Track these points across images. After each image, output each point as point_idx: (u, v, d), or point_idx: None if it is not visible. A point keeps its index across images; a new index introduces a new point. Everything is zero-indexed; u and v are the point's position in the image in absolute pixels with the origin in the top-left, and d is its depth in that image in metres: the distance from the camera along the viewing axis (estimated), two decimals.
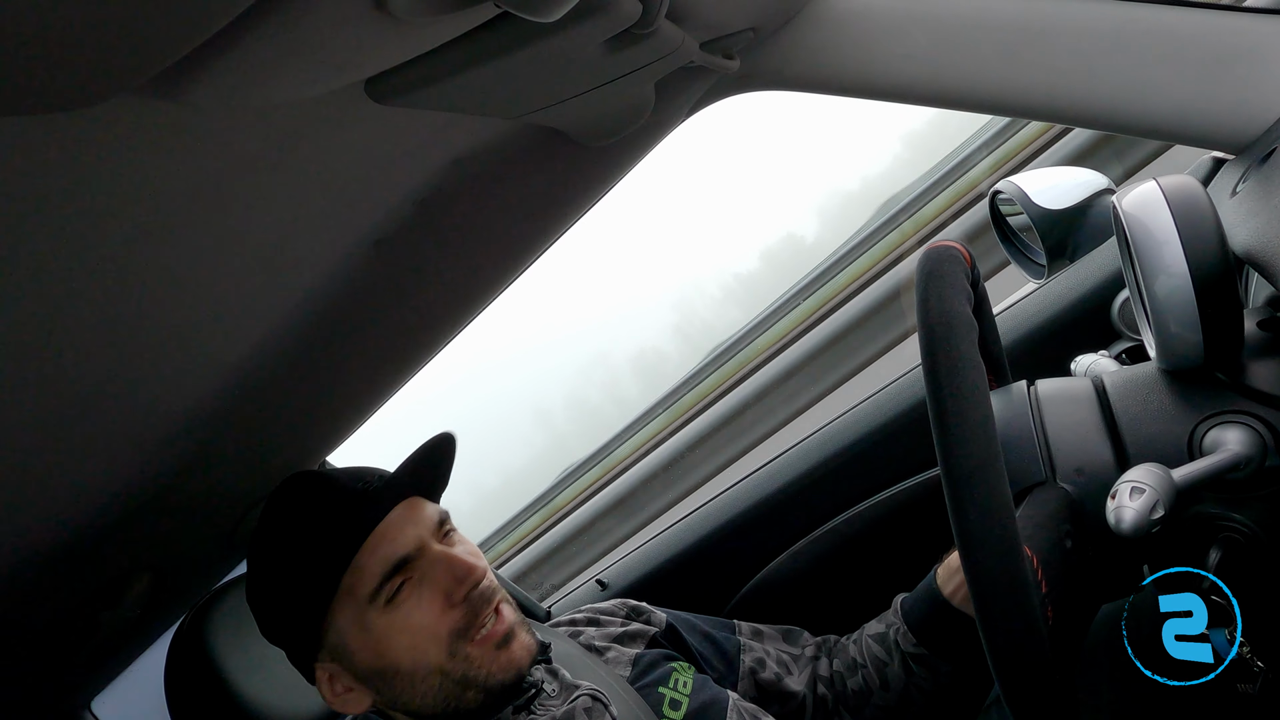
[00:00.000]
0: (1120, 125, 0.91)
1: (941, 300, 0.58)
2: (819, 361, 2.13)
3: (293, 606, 0.85)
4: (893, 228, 2.13)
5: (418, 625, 0.82)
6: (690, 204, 2.23)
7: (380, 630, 0.82)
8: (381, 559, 0.83)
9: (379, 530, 0.84)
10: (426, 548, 0.85)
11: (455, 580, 0.83)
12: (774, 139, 2.16)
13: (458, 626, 0.83)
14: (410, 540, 0.84)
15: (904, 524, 1.23)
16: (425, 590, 0.83)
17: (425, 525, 0.87)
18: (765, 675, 1.02)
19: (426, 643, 0.82)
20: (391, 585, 0.82)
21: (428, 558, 0.85)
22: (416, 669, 0.82)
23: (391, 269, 0.87)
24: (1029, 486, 0.63)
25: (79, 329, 0.60)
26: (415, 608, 0.83)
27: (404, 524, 0.85)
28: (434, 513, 0.89)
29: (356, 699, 0.86)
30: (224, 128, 0.52)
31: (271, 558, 0.87)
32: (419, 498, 0.89)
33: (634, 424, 2.37)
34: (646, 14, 0.61)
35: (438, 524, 0.88)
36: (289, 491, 0.88)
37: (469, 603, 0.83)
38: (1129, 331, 0.96)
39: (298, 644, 0.87)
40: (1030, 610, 0.49)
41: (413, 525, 0.86)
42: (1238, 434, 0.58)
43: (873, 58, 0.95)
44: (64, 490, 0.78)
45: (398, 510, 0.86)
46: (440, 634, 0.82)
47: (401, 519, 0.85)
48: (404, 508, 0.86)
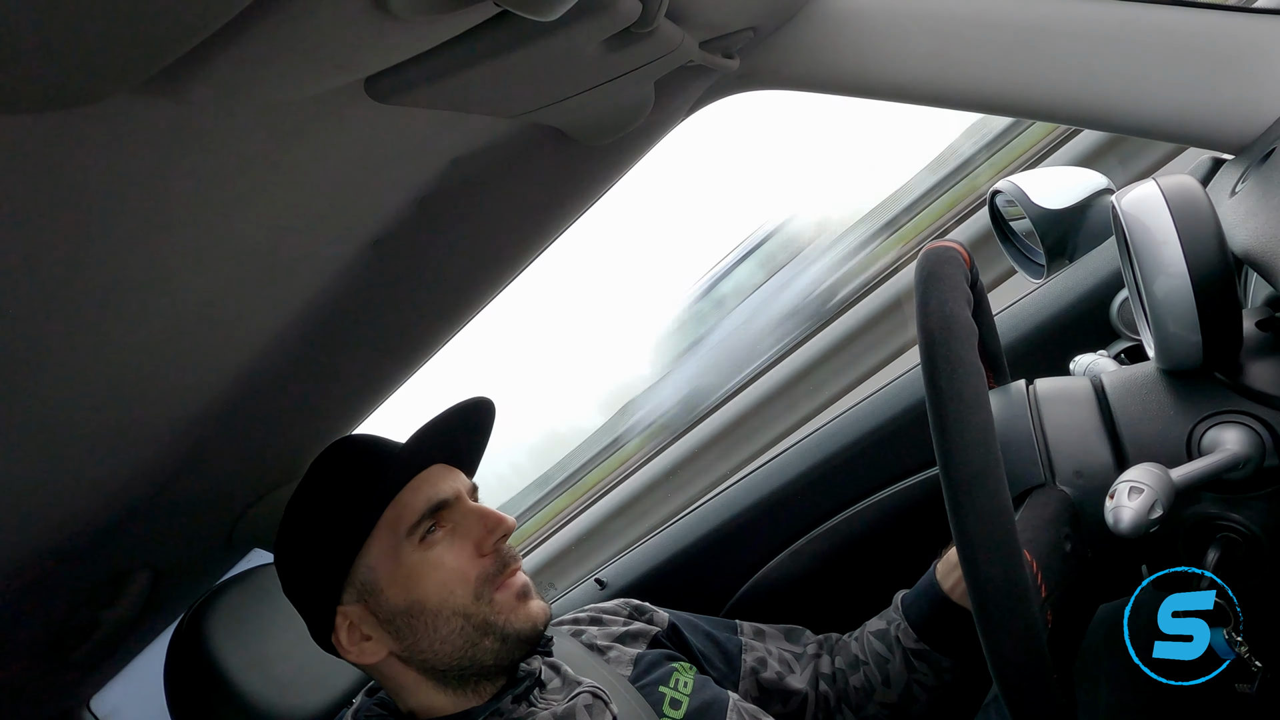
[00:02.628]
0: (1119, 125, 0.91)
1: (941, 304, 0.58)
2: (821, 370, 2.13)
3: (331, 539, 0.88)
4: (894, 230, 2.13)
5: (449, 565, 0.87)
6: (690, 206, 2.23)
7: (412, 565, 0.86)
8: (424, 498, 0.88)
9: (422, 475, 0.89)
10: (462, 499, 0.91)
11: (486, 530, 0.88)
12: (773, 140, 2.16)
13: (486, 573, 0.87)
14: (449, 489, 0.90)
15: (904, 522, 1.23)
16: (458, 537, 0.88)
17: (462, 483, 0.92)
18: (767, 674, 1.02)
19: (455, 583, 0.86)
20: (426, 524, 0.87)
21: (462, 508, 0.90)
22: (442, 608, 0.85)
23: (390, 268, 0.87)
24: (1028, 489, 0.63)
25: (77, 327, 0.60)
26: (447, 550, 0.87)
27: (445, 475, 0.91)
28: (466, 480, 0.94)
29: (373, 648, 0.87)
30: (223, 126, 0.52)
31: (316, 497, 0.91)
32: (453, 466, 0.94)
33: (634, 426, 2.37)
34: (646, 13, 0.61)
35: (471, 487, 0.94)
36: (339, 445, 0.94)
37: (498, 554, 0.88)
38: (1128, 331, 0.96)
39: (324, 584, 0.88)
40: (1030, 616, 0.50)
41: (451, 479, 0.91)
42: (1236, 434, 0.58)
43: (872, 57, 0.95)
44: (63, 489, 0.78)
45: (436, 467, 0.91)
46: (469, 576, 0.87)
47: (442, 471, 0.91)
48: (441, 467, 0.92)
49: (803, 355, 2.17)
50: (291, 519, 0.91)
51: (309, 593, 0.90)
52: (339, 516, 0.88)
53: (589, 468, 2.41)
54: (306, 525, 0.90)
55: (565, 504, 2.37)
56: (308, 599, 0.90)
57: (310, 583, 0.89)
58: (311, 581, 0.89)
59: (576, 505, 2.34)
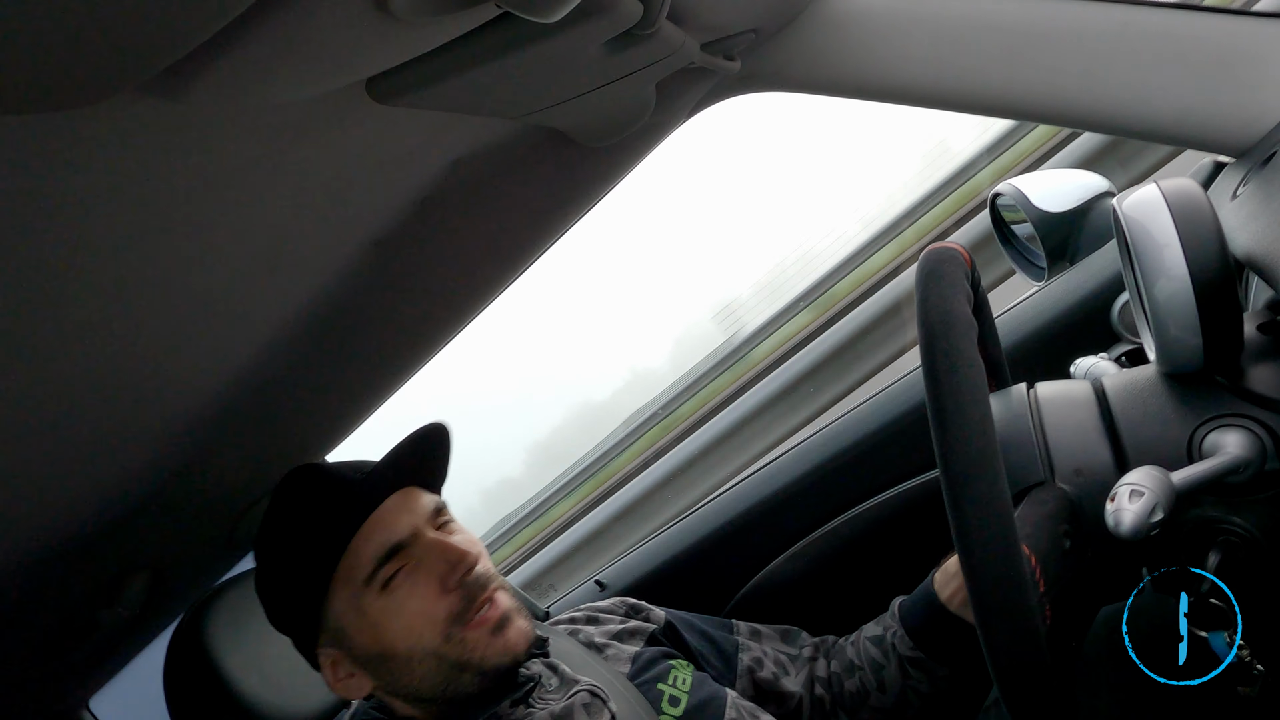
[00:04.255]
0: (1121, 128, 0.91)
1: (941, 300, 0.58)
2: (821, 373, 2.13)
3: (294, 592, 0.87)
4: (894, 235, 2.13)
5: (413, 610, 0.83)
6: (693, 209, 2.23)
7: (376, 614, 0.84)
8: (376, 544, 0.84)
9: (374, 517, 0.86)
10: (420, 534, 0.87)
11: (449, 566, 0.84)
12: (776, 144, 2.15)
13: (453, 611, 0.84)
14: (404, 527, 0.86)
15: (902, 526, 1.22)
16: (420, 576, 0.85)
17: (420, 513, 0.88)
18: (763, 675, 1.02)
19: (422, 626, 0.83)
20: (386, 570, 0.84)
21: (422, 544, 0.86)
22: (413, 652, 0.84)
23: (391, 269, 0.87)
24: (1028, 487, 0.63)
25: (77, 327, 0.60)
26: (410, 593, 0.84)
27: (399, 511, 0.87)
28: (430, 502, 0.90)
29: (358, 684, 0.88)
30: (224, 127, 0.52)
31: (273, 546, 0.89)
32: (416, 488, 0.91)
33: (635, 429, 2.37)
34: (648, 15, 0.61)
35: (433, 512, 0.90)
36: (290, 482, 0.91)
37: (464, 588, 0.84)
38: (1129, 334, 0.96)
39: (301, 630, 0.89)
40: (1027, 607, 0.49)
41: (407, 513, 0.87)
42: (1237, 437, 0.58)
43: (874, 59, 0.95)
44: (62, 489, 0.78)
45: (394, 498, 0.88)
46: (436, 618, 0.84)
47: (397, 506, 0.87)
48: (400, 496, 0.88)
49: (803, 359, 2.17)
50: (259, 564, 0.91)
51: (291, 635, 0.90)
52: (294, 571, 0.87)
53: (589, 473, 2.41)
54: (271, 574, 0.90)
55: (567, 508, 2.37)
56: (293, 639, 0.91)
57: (290, 628, 0.90)
58: (288, 626, 0.90)
59: (577, 509, 2.34)
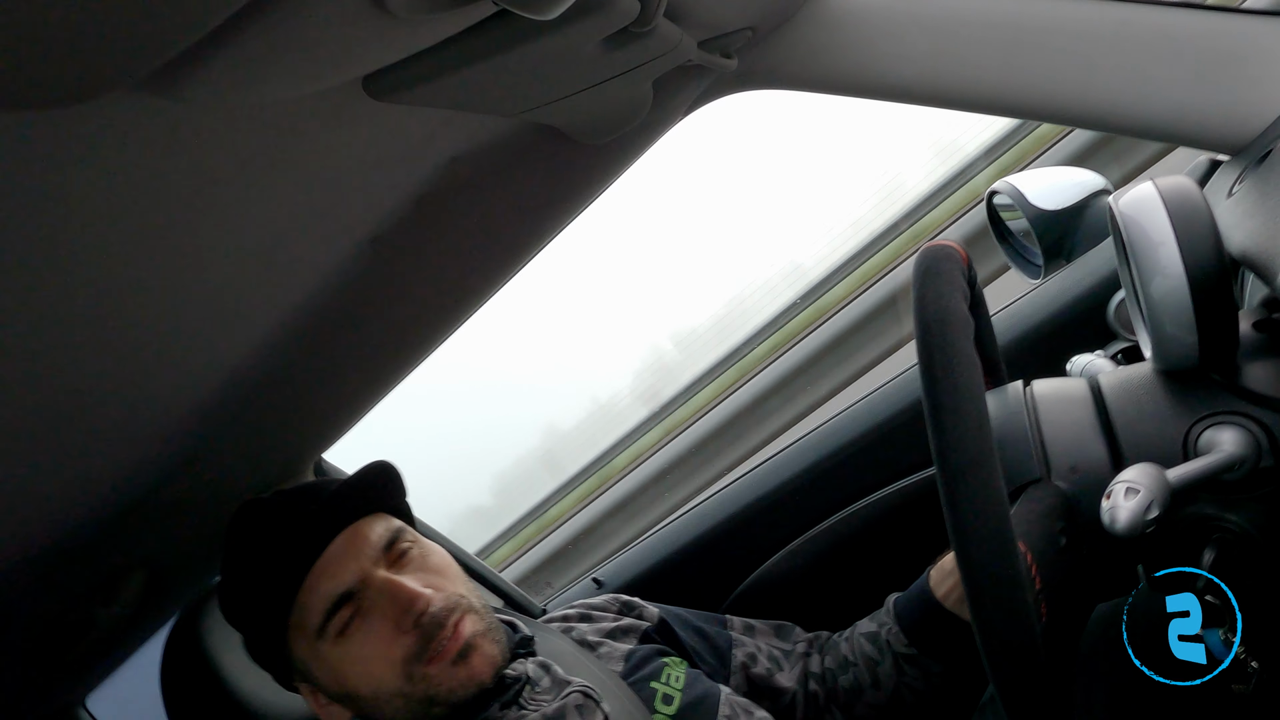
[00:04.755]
0: (1117, 126, 0.91)
1: (938, 296, 0.58)
2: (816, 368, 2.13)
3: (256, 641, 0.90)
4: (893, 236, 2.13)
5: (370, 655, 0.82)
6: (695, 210, 2.22)
7: (334, 661, 0.83)
8: (322, 596, 0.83)
9: (318, 566, 0.83)
10: (369, 579, 0.84)
11: (401, 610, 0.82)
12: (777, 145, 2.15)
13: (410, 652, 0.82)
14: (350, 574, 0.84)
15: (899, 524, 1.23)
16: (374, 620, 0.83)
17: (369, 553, 0.85)
18: (757, 670, 1.02)
19: (381, 670, 0.82)
20: (340, 618, 0.83)
21: (372, 588, 0.84)
22: (378, 694, 0.83)
23: (388, 266, 0.87)
24: (1023, 484, 0.63)
25: (72, 326, 0.60)
26: (365, 639, 0.82)
27: (343, 557, 0.84)
28: (381, 536, 0.87)
29: (339, 711, 0.89)
30: (220, 124, 0.52)
31: (229, 594, 0.90)
32: (365, 519, 0.88)
33: (637, 430, 2.37)
34: (644, 12, 0.61)
35: (384, 548, 0.87)
36: (236, 527, 0.90)
37: (420, 628, 0.82)
38: (1125, 332, 0.96)
39: (273, 668, 0.91)
40: (1023, 603, 0.50)
41: (353, 557, 0.84)
42: (1232, 435, 0.58)
43: (871, 57, 0.95)
44: (59, 488, 0.78)
45: (339, 541, 0.85)
46: (394, 659, 0.82)
47: (341, 552, 0.84)
48: (346, 536, 0.85)
49: (797, 354, 2.17)
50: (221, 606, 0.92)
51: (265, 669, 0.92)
52: (253, 619, 0.88)
53: (589, 473, 2.41)
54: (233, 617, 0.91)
55: (567, 506, 2.37)
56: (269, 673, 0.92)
57: (262, 664, 0.92)
58: (262, 663, 0.92)
59: (577, 506, 2.34)
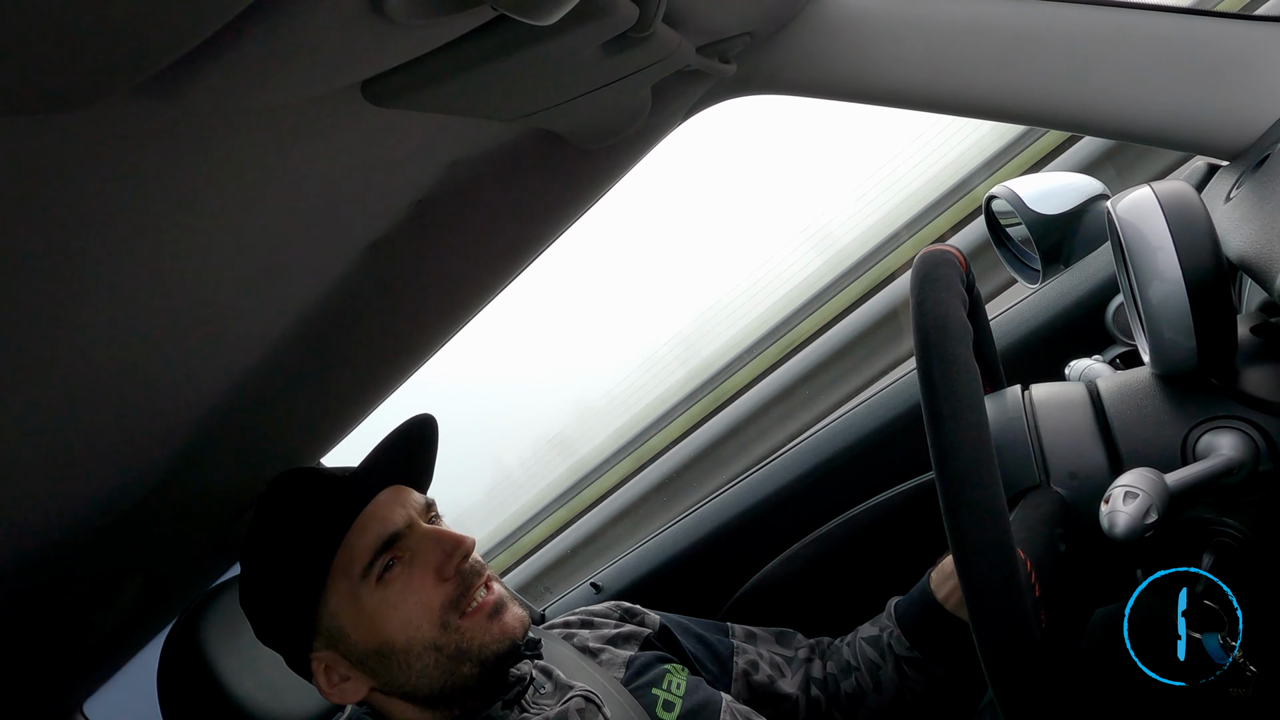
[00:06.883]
0: (1114, 131, 0.92)
1: (937, 303, 0.58)
2: (817, 380, 2.12)
3: (287, 595, 0.87)
4: (894, 246, 2.12)
5: (410, 600, 0.84)
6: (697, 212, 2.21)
7: (373, 607, 0.84)
8: (372, 536, 0.85)
9: (368, 511, 0.86)
10: (415, 525, 0.88)
11: (445, 554, 0.85)
12: (777, 146, 2.15)
13: (450, 599, 0.84)
14: (399, 518, 0.87)
15: (898, 528, 1.23)
16: (416, 567, 0.85)
17: (413, 506, 0.89)
18: (758, 677, 1.02)
19: (420, 617, 0.84)
20: (382, 562, 0.85)
21: (416, 534, 0.87)
22: (411, 645, 0.83)
23: (386, 272, 0.87)
24: (1023, 490, 0.63)
25: (68, 330, 0.60)
26: (407, 584, 0.84)
27: (393, 504, 0.88)
28: (420, 498, 0.91)
29: (353, 687, 0.87)
30: (219, 129, 0.52)
31: (265, 549, 0.89)
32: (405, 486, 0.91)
33: (640, 434, 2.36)
34: (643, 18, 0.61)
35: (425, 507, 0.91)
36: (279, 486, 0.91)
37: (460, 576, 0.85)
38: (1123, 336, 0.97)
39: (293, 635, 0.88)
40: (1023, 612, 0.50)
41: (401, 505, 0.88)
42: (1231, 439, 0.58)
43: (869, 62, 0.95)
44: (57, 492, 0.78)
45: (386, 493, 0.89)
46: (433, 607, 0.84)
47: (390, 499, 0.88)
48: (392, 491, 0.89)
49: (798, 364, 2.17)
50: (246, 571, 0.90)
51: (280, 642, 0.89)
52: (289, 569, 0.86)
53: (592, 479, 2.40)
54: (261, 578, 0.89)
55: (569, 513, 2.37)
56: (281, 647, 0.89)
57: (278, 633, 0.89)
58: (278, 632, 0.89)
59: (578, 511, 2.34)
